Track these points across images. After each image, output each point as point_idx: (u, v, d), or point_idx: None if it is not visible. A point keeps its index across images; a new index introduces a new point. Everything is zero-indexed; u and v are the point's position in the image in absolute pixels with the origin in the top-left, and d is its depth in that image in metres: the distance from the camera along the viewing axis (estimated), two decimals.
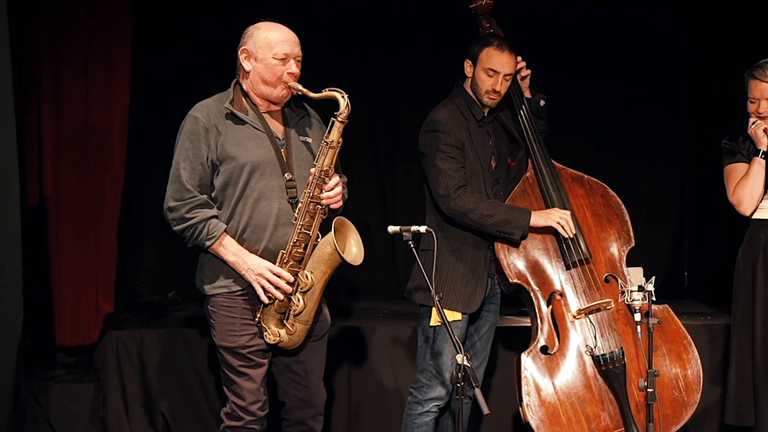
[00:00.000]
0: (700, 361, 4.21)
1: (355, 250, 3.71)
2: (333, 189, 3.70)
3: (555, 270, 4.20)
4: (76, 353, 5.14)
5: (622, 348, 4.12)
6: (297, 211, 3.68)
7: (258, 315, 3.70)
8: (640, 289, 4.01)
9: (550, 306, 4.17)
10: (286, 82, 3.68)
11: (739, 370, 4.39)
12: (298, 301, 3.68)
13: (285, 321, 3.70)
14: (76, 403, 4.91)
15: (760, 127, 4.33)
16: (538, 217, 4.11)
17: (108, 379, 4.93)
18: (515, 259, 4.17)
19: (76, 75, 4.96)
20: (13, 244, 4.04)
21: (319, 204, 3.68)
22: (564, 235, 4.12)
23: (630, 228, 4.31)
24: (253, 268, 3.64)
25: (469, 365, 3.51)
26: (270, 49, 3.66)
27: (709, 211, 5.96)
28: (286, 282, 3.65)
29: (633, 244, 4.30)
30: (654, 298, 4.01)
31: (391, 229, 3.73)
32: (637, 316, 4.03)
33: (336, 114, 3.67)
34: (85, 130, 4.99)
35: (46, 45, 4.93)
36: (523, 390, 4.07)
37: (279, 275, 3.64)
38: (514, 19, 4.80)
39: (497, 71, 4.10)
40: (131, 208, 5.63)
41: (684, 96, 6.52)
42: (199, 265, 3.78)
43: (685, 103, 6.54)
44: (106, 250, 5.09)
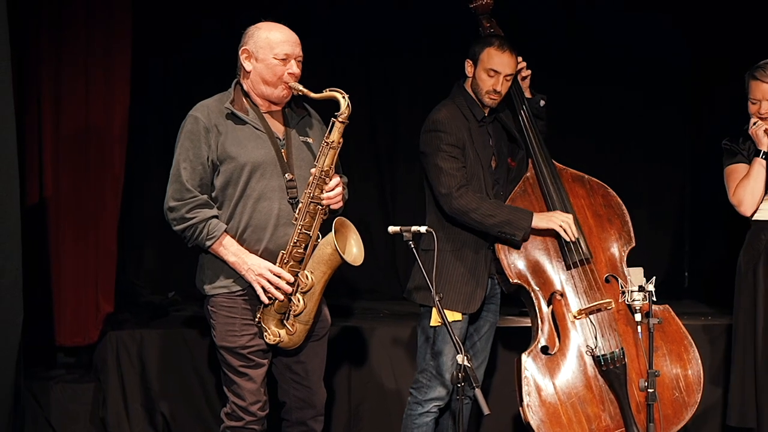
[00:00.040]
0: (700, 361, 4.20)
1: (355, 251, 3.71)
2: (333, 189, 3.69)
3: (555, 270, 4.19)
4: (76, 353, 5.14)
5: (622, 348, 4.11)
6: (297, 212, 3.67)
7: (258, 315, 3.69)
8: (641, 289, 4.01)
9: (551, 306, 4.17)
10: (287, 83, 3.68)
11: (741, 372, 4.38)
12: (299, 301, 3.67)
13: (285, 321, 3.70)
14: (76, 403, 4.91)
15: (761, 127, 4.33)
16: (540, 219, 4.10)
17: (108, 379, 4.92)
18: (516, 259, 4.17)
19: (76, 75, 4.96)
20: (13, 244, 4.04)
21: (320, 204, 3.68)
22: (566, 238, 4.12)
23: (630, 228, 4.31)
24: (254, 268, 3.64)
25: (469, 365, 3.50)
26: (271, 49, 3.66)
27: (710, 211, 5.95)
28: (287, 282, 3.64)
29: (633, 244, 4.30)
30: (654, 299, 4.01)
31: (392, 229, 3.72)
32: (638, 317, 4.03)
33: (336, 114, 3.67)
34: (85, 130, 4.98)
35: (46, 45, 4.93)
36: (523, 390, 4.07)
37: (279, 275, 3.64)
38: (514, 19, 4.79)
39: (498, 71, 4.09)
40: (131, 208, 5.62)
41: (684, 96, 6.51)
42: (199, 265, 3.78)
43: (685, 103, 6.52)
44: (106, 250, 5.08)
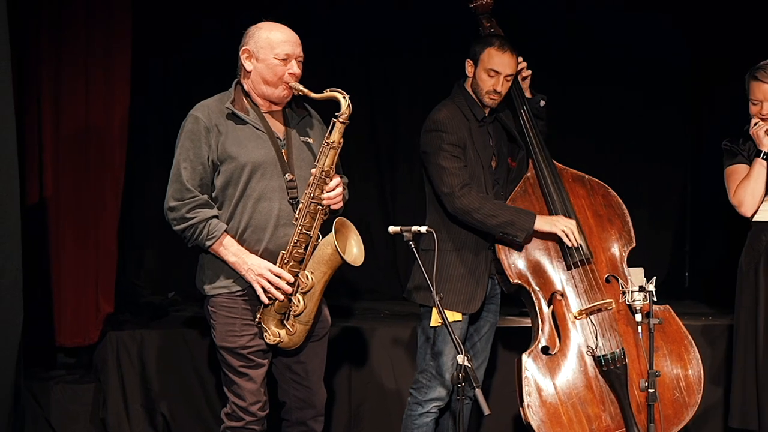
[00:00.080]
0: (701, 361, 4.20)
1: (355, 251, 3.71)
2: (334, 190, 3.69)
3: (556, 270, 4.19)
4: (76, 354, 5.13)
5: (623, 348, 4.11)
6: (298, 212, 3.67)
7: (258, 315, 3.69)
8: (641, 289, 4.01)
9: (551, 306, 4.17)
10: (288, 83, 3.68)
11: (742, 373, 4.37)
12: (299, 301, 3.67)
13: (285, 321, 3.70)
14: (77, 403, 4.90)
15: (762, 128, 4.32)
16: (543, 222, 4.10)
17: (108, 379, 4.92)
18: (516, 260, 4.17)
19: (76, 75, 4.96)
20: (13, 244, 4.03)
21: (320, 204, 3.67)
22: (568, 244, 4.12)
23: (631, 228, 4.31)
24: (254, 268, 3.63)
25: (469, 366, 3.50)
26: (271, 49, 3.66)
27: (710, 212, 5.95)
28: (287, 282, 3.64)
29: (634, 244, 4.30)
30: (655, 299, 4.01)
31: (392, 229, 3.72)
32: (638, 317, 4.03)
33: (337, 114, 3.67)
34: (85, 130, 4.98)
35: (46, 45, 4.93)
36: (523, 390, 4.07)
37: (279, 276, 3.64)
38: (514, 19, 4.79)
39: (498, 72, 4.09)
40: (131, 208, 5.63)
41: (684, 96, 6.51)
42: (199, 265, 3.78)
43: (686, 103, 6.53)
44: (106, 250, 5.08)
